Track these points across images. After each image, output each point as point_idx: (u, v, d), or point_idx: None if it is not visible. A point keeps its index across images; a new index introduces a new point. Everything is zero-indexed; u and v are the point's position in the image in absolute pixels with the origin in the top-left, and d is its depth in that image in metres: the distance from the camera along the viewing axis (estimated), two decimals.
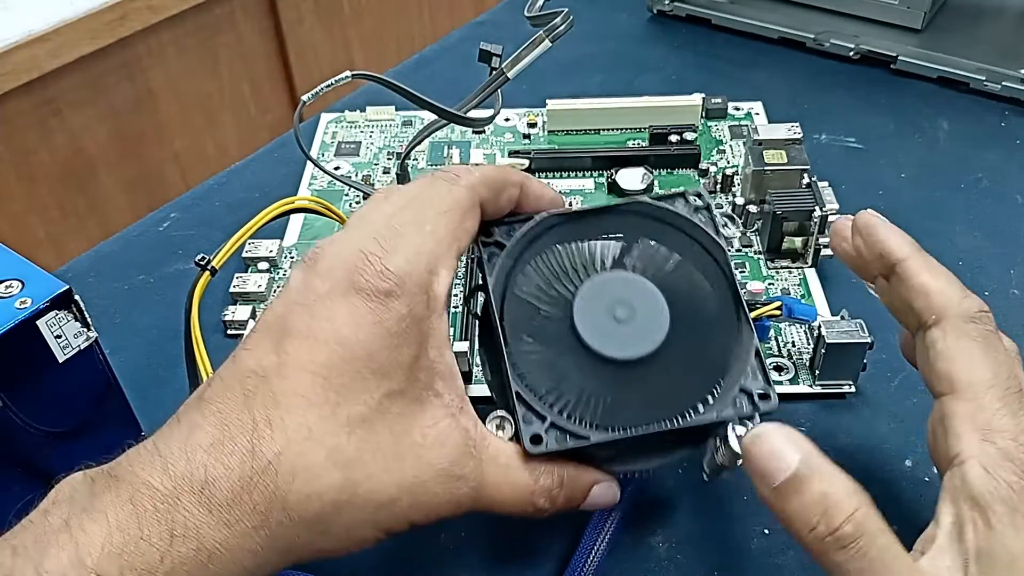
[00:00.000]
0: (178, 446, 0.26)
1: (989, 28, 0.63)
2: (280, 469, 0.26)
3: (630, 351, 0.30)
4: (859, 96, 0.60)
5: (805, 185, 0.46)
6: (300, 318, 0.28)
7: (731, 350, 0.31)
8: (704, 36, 0.66)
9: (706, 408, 0.30)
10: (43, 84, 0.90)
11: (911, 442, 0.39)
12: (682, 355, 0.31)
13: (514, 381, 0.30)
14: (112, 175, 1.02)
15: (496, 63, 0.45)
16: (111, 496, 0.25)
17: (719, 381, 0.31)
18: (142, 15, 0.95)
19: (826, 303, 0.44)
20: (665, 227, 0.33)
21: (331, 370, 0.27)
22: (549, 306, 0.32)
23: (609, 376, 0.30)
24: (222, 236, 0.37)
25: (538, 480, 0.30)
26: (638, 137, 0.55)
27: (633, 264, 0.32)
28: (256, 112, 1.16)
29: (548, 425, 0.30)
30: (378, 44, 1.29)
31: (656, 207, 0.33)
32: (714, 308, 0.32)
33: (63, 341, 0.34)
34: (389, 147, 0.55)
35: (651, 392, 0.30)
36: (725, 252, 0.32)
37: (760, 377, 0.31)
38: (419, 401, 0.29)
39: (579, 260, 0.32)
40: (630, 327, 0.30)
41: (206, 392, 0.28)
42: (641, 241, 0.33)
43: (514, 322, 0.32)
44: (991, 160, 0.54)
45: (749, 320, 0.31)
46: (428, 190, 0.31)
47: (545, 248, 0.33)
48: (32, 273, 0.34)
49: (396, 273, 0.28)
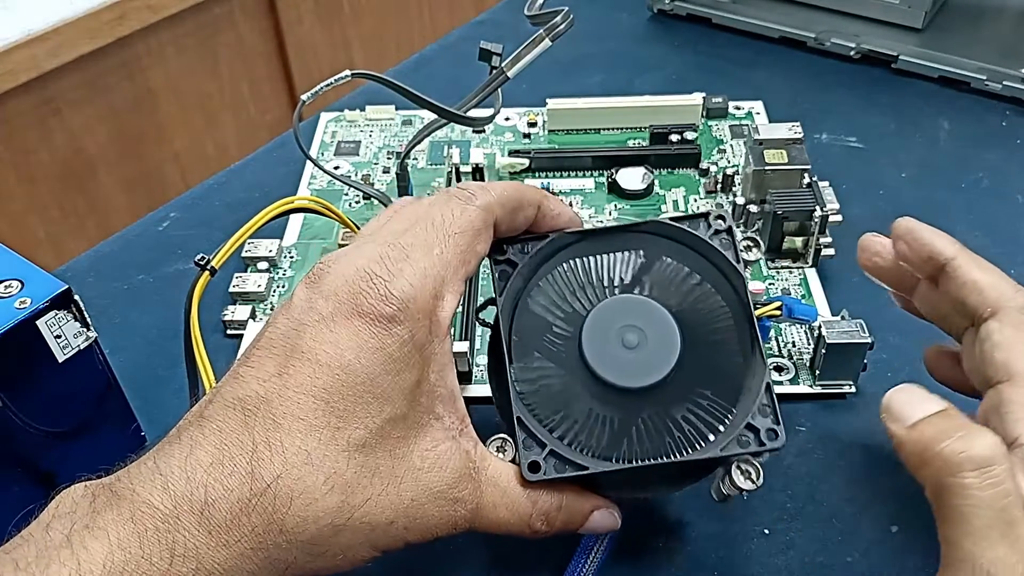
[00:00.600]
0: (178, 465, 0.26)
1: (990, 27, 0.63)
2: (278, 492, 0.26)
3: (636, 380, 0.30)
4: (860, 96, 0.60)
5: (806, 185, 0.46)
6: (303, 339, 0.28)
7: (742, 383, 0.30)
8: (704, 35, 0.66)
9: (711, 443, 0.29)
10: (43, 84, 0.90)
11: None
12: (690, 386, 0.30)
13: (516, 405, 0.30)
14: (112, 175, 1.02)
15: (496, 62, 0.45)
16: (112, 514, 0.25)
17: (727, 415, 0.30)
18: (141, 14, 0.95)
19: (826, 303, 0.44)
20: (684, 249, 0.32)
21: (332, 394, 0.27)
22: (560, 322, 0.31)
23: (614, 403, 0.30)
24: (222, 236, 0.37)
25: (536, 503, 0.30)
26: (638, 137, 0.55)
27: (648, 286, 0.31)
28: (256, 112, 1.16)
29: (547, 453, 0.29)
30: (378, 44, 1.29)
31: (675, 228, 0.32)
32: (728, 338, 0.31)
33: (63, 341, 0.34)
34: (389, 146, 0.55)
35: (656, 423, 0.30)
36: (744, 280, 0.31)
37: (769, 414, 0.30)
38: (419, 424, 0.29)
39: (594, 276, 0.32)
40: (639, 354, 0.30)
41: (206, 410, 0.28)
42: (659, 261, 0.32)
43: (524, 338, 0.31)
44: (992, 160, 0.54)
45: (763, 353, 0.31)
46: (441, 208, 0.31)
47: (559, 264, 0.32)
48: (32, 273, 0.34)
49: (400, 298, 0.28)
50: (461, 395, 0.31)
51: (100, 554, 0.24)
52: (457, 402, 0.30)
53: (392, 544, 0.28)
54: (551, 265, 0.32)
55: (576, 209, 0.50)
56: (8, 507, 0.34)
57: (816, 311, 0.40)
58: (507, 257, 0.32)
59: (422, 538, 0.29)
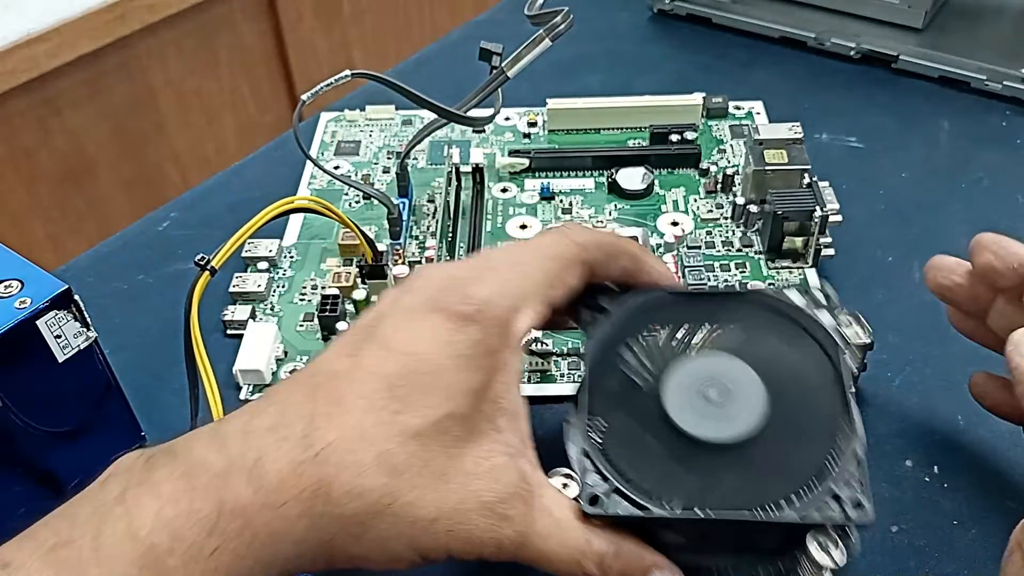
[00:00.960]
0: (238, 428, 0.27)
1: (990, 27, 0.63)
2: (328, 459, 0.26)
3: (716, 434, 0.28)
4: (860, 96, 0.60)
5: (806, 185, 0.46)
6: (382, 327, 0.29)
7: (830, 452, 0.28)
8: (705, 35, 0.66)
9: (788, 507, 0.27)
10: (43, 84, 0.90)
11: (911, 442, 0.39)
12: (773, 448, 0.28)
13: (585, 440, 0.29)
14: (112, 175, 1.02)
15: (496, 62, 0.45)
16: (167, 471, 0.26)
17: (810, 482, 0.27)
18: (141, 14, 0.95)
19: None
20: (782, 318, 0.32)
21: (397, 379, 0.28)
22: (645, 373, 0.31)
23: (689, 456, 0.28)
24: (222, 236, 0.37)
25: (591, 543, 0.28)
26: (638, 137, 0.55)
27: (738, 347, 0.31)
28: (256, 112, 1.16)
29: (612, 489, 0.28)
30: (378, 44, 1.29)
31: (774, 297, 0.32)
32: (818, 405, 0.30)
33: (63, 341, 0.34)
34: (389, 146, 0.55)
35: (732, 481, 0.28)
36: (840, 350, 0.30)
37: (857, 485, 0.27)
38: (478, 431, 0.29)
39: (684, 333, 0.32)
40: (722, 409, 0.29)
41: (277, 387, 0.29)
42: (753, 324, 0.32)
43: (604, 390, 0.31)
44: (991, 160, 0.54)
45: (856, 424, 0.29)
46: (538, 238, 0.33)
47: (651, 323, 0.32)
48: (32, 273, 0.34)
49: (478, 299, 0.29)
50: (528, 417, 0.30)
51: (152, 509, 0.25)
52: (520, 422, 0.30)
53: (433, 548, 0.28)
54: (643, 319, 0.32)
55: (576, 209, 0.50)
56: (8, 507, 0.34)
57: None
58: (600, 304, 0.32)
59: (465, 550, 0.28)
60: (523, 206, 0.51)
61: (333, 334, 0.43)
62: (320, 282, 0.46)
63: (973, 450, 0.38)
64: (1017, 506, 0.36)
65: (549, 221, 0.49)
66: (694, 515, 0.27)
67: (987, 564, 0.34)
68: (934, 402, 0.40)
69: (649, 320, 0.32)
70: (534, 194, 0.51)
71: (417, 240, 0.48)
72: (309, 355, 0.43)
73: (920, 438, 0.39)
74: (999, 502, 0.36)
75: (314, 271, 0.47)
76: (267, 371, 0.41)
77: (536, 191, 0.51)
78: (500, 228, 0.49)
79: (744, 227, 0.48)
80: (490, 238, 0.49)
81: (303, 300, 0.46)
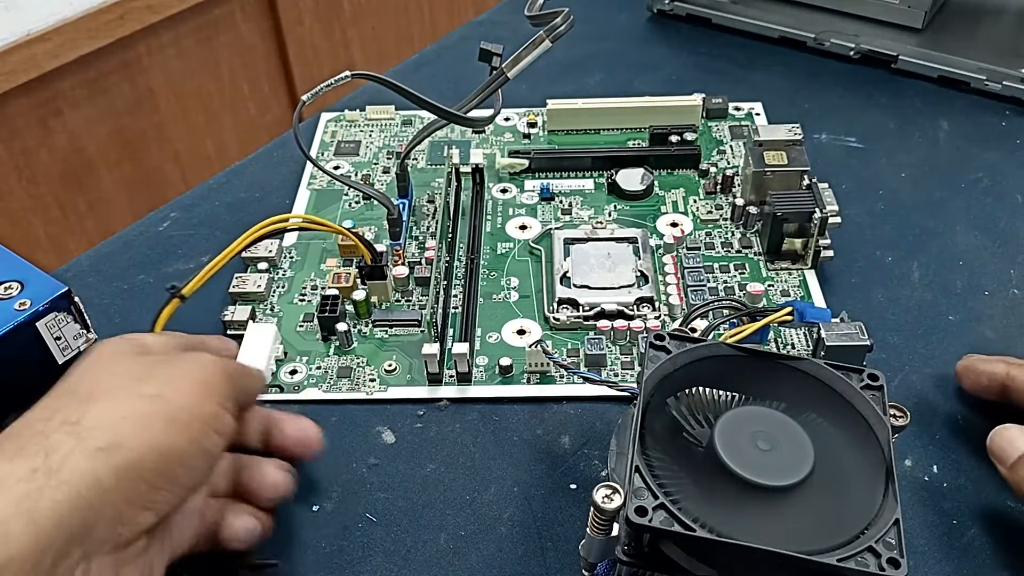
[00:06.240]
0: None
1: (989, 28, 0.63)
2: None
3: (766, 479, 0.29)
4: (859, 96, 0.60)
5: (805, 187, 0.46)
6: None
7: (868, 518, 0.29)
8: (704, 36, 0.66)
9: (827, 553, 0.28)
10: (43, 84, 0.90)
11: (911, 442, 0.39)
12: (816, 502, 0.29)
13: (638, 458, 0.29)
14: (112, 175, 1.02)
15: (496, 63, 0.45)
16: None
17: (849, 537, 0.29)
18: (142, 15, 0.95)
19: (825, 305, 0.44)
20: (832, 393, 0.33)
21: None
22: (700, 419, 0.31)
23: (733, 496, 0.29)
24: (222, 236, 0.37)
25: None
26: (638, 137, 0.55)
27: (790, 408, 0.32)
28: (256, 112, 1.16)
29: (658, 504, 0.28)
30: (378, 44, 1.29)
31: (829, 371, 0.33)
32: (861, 473, 0.31)
33: (63, 343, 0.34)
34: (389, 147, 0.55)
35: (775, 523, 0.29)
36: (889, 432, 0.31)
37: (894, 544, 0.28)
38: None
39: (737, 388, 0.32)
40: (770, 457, 0.30)
41: None
42: (807, 389, 0.32)
43: (656, 433, 0.31)
44: (991, 160, 0.54)
45: (896, 495, 0.30)
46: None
47: (706, 376, 0.33)
48: (32, 274, 0.34)
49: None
50: None
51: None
52: None
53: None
54: (700, 368, 0.33)
55: (576, 209, 0.50)
56: None
57: (830, 313, 0.40)
58: (664, 344, 0.33)
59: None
60: (523, 206, 0.51)
61: (333, 334, 0.43)
62: (320, 282, 0.46)
63: (973, 450, 0.38)
64: (1017, 505, 0.36)
65: (549, 221, 0.49)
66: (734, 541, 0.28)
67: (987, 564, 0.34)
68: (933, 402, 0.40)
69: (703, 371, 0.33)
70: (534, 195, 0.51)
71: (417, 240, 0.48)
72: (309, 355, 0.43)
73: (919, 438, 0.39)
74: (999, 502, 0.36)
75: (314, 271, 0.47)
76: (267, 371, 0.41)
77: (536, 192, 0.51)
78: (500, 228, 0.49)
79: (743, 228, 0.48)
80: (490, 238, 0.49)
81: (303, 300, 0.46)
